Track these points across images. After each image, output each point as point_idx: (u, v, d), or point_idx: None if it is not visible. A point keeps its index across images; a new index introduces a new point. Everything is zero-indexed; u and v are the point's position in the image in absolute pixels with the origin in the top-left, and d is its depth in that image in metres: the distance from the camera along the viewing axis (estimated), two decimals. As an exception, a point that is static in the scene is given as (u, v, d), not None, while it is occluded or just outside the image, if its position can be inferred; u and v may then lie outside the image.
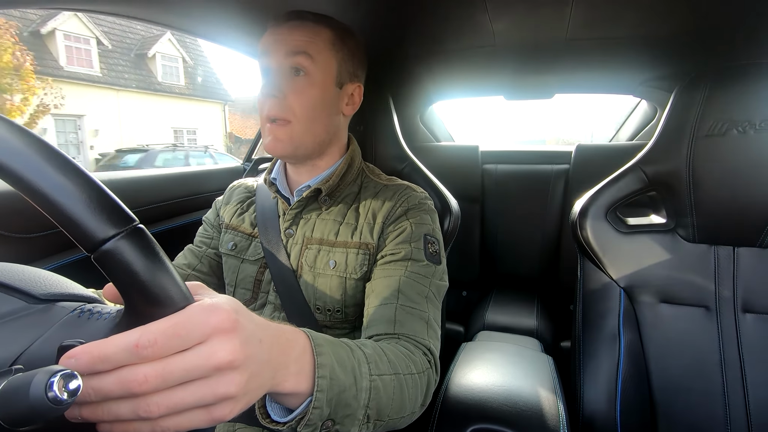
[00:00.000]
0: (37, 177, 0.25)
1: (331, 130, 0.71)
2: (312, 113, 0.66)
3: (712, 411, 0.74)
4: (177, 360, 0.27)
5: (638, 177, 0.81)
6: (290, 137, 0.66)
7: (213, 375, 0.28)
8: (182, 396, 0.27)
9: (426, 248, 0.67)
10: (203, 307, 0.29)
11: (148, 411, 0.27)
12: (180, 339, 0.27)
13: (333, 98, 0.69)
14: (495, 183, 1.72)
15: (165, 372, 0.27)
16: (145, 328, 0.27)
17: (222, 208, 0.83)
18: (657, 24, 0.85)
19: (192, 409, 0.28)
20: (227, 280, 0.77)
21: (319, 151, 0.72)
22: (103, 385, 0.27)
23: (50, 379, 0.24)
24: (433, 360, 0.58)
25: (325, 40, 0.66)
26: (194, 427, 0.29)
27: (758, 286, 0.75)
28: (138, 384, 0.26)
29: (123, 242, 0.26)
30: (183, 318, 0.28)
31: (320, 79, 0.66)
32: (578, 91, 1.48)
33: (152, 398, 0.27)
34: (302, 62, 0.64)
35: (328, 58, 0.66)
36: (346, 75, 0.70)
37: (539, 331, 1.35)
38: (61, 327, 0.31)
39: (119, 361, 0.26)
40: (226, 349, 0.29)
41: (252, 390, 0.32)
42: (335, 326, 0.70)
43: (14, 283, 0.35)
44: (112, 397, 0.27)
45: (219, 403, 0.29)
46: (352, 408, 0.42)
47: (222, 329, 0.29)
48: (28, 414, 0.24)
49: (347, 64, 0.69)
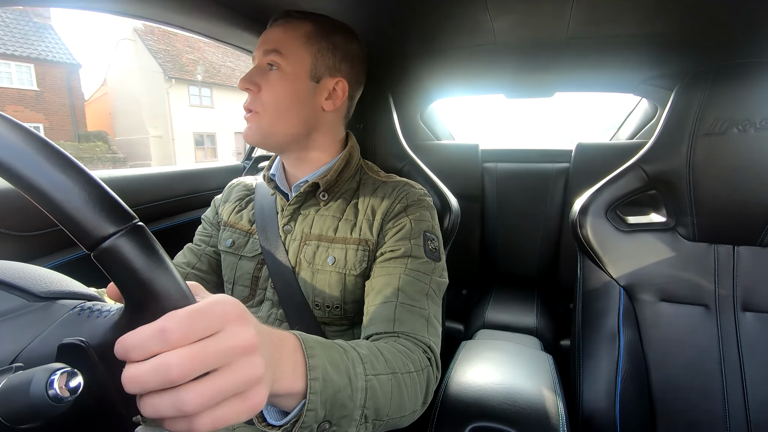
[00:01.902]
0: (37, 175, 0.25)
1: (310, 123, 0.70)
2: (280, 105, 0.67)
3: (711, 409, 0.74)
4: (205, 343, 0.28)
5: (638, 175, 0.81)
6: (258, 128, 0.68)
7: (239, 359, 0.29)
8: (217, 385, 0.28)
9: (426, 245, 0.67)
10: (215, 299, 0.30)
11: (186, 403, 0.26)
12: (203, 322, 0.28)
13: (307, 92, 0.68)
14: (495, 181, 1.72)
15: (196, 354, 0.27)
16: (168, 315, 0.27)
17: (221, 206, 0.83)
18: (658, 22, 0.84)
19: (229, 400, 0.29)
20: (225, 277, 0.77)
21: (301, 144, 0.72)
22: (140, 373, 0.26)
23: (51, 376, 0.24)
24: (434, 357, 0.58)
25: (299, 36, 0.67)
26: (235, 419, 0.29)
27: (758, 285, 0.75)
28: (172, 368, 0.26)
29: (122, 240, 0.26)
30: (202, 306, 0.29)
31: (291, 73, 0.67)
32: (579, 89, 1.48)
33: (189, 391, 0.27)
34: (274, 59, 0.66)
35: (300, 52, 0.67)
36: (324, 69, 0.69)
37: (539, 330, 1.35)
38: (61, 325, 0.31)
39: (151, 347, 0.26)
40: (246, 332, 0.30)
41: (270, 380, 0.32)
42: (334, 323, 0.70)
43: (14, 281, 0.35)
44: (151, 388, 0.27)
45: (251, 388, 0.30)
46: (349, 409, 0.42)
47: (236, 317, 0.30)
48: (29, 411, 0.24)
49: (325, 58, 0.69)
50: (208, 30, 0.93)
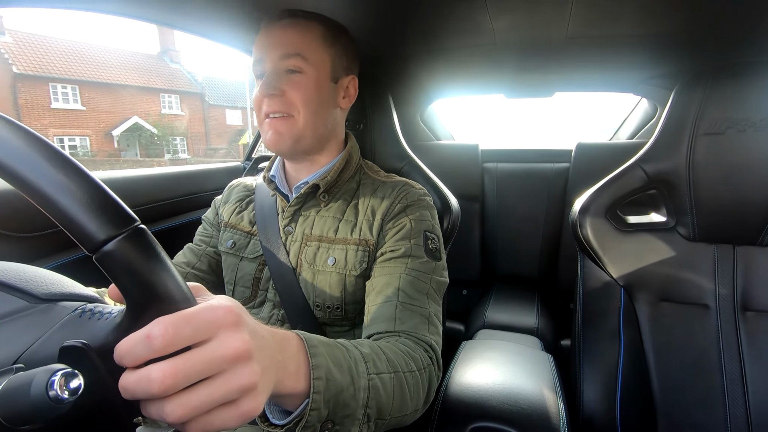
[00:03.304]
0: (39, 177, 0.25)
1: (330, 124, 0.72)
2: (313, 107, 0.67)
3: (711, 408, 0.74)
4: (192, 354, 0.27)
5: (638, 175, 0.81)
6: (291, 130, 0.67)
7: (231, 367, 0.28)
8: (205, 394, 0.27)
9: (426, 244, 0.67)
10: (207, 305, 0.29)
11: (171, 413, 0.26)
12: (190, 328, 0.27)
13: (330, 93, 0.70)
14: (495, 181, 1.72)
15: (180, 367, 0.26)
16: (156, 320, 0.27)
17: (221, 206, 0.83)
18: (657, 22, 0.84)
19: (220, 408, 0.28)
20: (227, 278, 0.77)
21: (319, 146, 0.73)
22: (129, 383, 0.26)
23: (51, 377, 0.24)
24: (435, 356, 0.58)
25: (317, 38, 0.67)
26: (226, 426, 0.28)
27: (758, 285, 0.75)
28: (154, 382, 0.25)
29: (124, 243, 0.26)
30: (190, 312, 0.28)
31: (315, 76, 0.67)
32: (579, 89, 1.48)
33: (174, 400, 0.26)
34: (297, 64, 0.66)
35: (321, 55, 0.67)
36: (341, 69, 0.71)
37: (539, 330, 1.35)
38: (62, 327, 0.31)
39: (138, 354, 0.26)
40: (238, 339, 0.29)
41: (267, 385, 0.32)
42: (335, 323, 0.70)
43: (15, 282, 0.34)
44: (139, 398, 0.27)
45: (243, 396, 0.29)
46: (351, 408, 0.42)
47: (229, 323, 0.29)
48: (29, 413, 0.24)
49: (341, 59, 0.71)
50: (204, 30, 0.93)
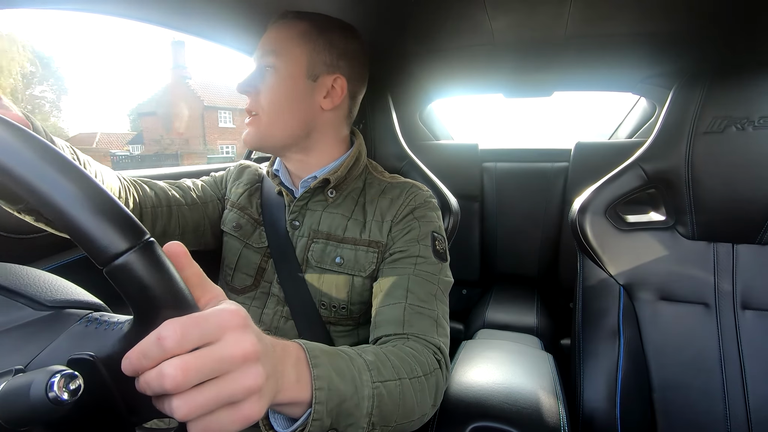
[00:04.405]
0: (53, 191, 0.25)
1: (310, 123, 0.69)
2: (278, 106, 0.66)
3: (711, 407, 0.74)
4: (202, 352, 0.27)
5: (637, 174, 0.81)
6: (257, 130, 0.68)
7: (238, 368, 0.29)
8: (209, 393, 0.27)
9: (434, 246, 0.67)
10: (216, 308, 0.30)
11: (178, 409, 0.27)
12: (199, 329, 0.28)
13: (304, 91, 0.67)
14: (494, 181, 1.72)
15: (191, 364, 0.27)
16: (164, 324, 0.27)
17: (231, 182, 0.82)
18: (656, 21, 0.84)
19: (221, 409, 0.28)
20: (226, 261, 0.76)
21: (300, 145, 0.71)
22: (147, 380, 0.27)
23: (51, 379, 0.24)
24: (443, 359, 0.58)
25: (294, 35, 0.66)
26: (227, 428, 0.28)
27: (757, 283, 0.75)
28: (167, 377, 0.26)
29: (136, 256, 0.26)
30: (199, 314, 0.29)
31: (287, 73, 0.66)
32: (578, 88, 1.48)
33: (182, 396, 0.27)
34: (270, 60, 0.66)
35: (295, 52, 0.66)
36: (321, 66, 0.67)
37: (539, 329, 1.35)
38: (69, 337, 0.31)
39: (152, 356, 0.27)
40: (246, 340, 0.29)
41: (270, 391, 0.32)
42: (339, 323, 0.70)
43: (19, 287, 0.34)
44: (156, 393, 0.27)
45: (246, 399, 0.29)
46: (355, 417, 0.42)
47: (236, 325, 0.30)
48: (29, 414, 0.24)
49: (322, 55, 0.67)
50: (207, 33, 0.92)
